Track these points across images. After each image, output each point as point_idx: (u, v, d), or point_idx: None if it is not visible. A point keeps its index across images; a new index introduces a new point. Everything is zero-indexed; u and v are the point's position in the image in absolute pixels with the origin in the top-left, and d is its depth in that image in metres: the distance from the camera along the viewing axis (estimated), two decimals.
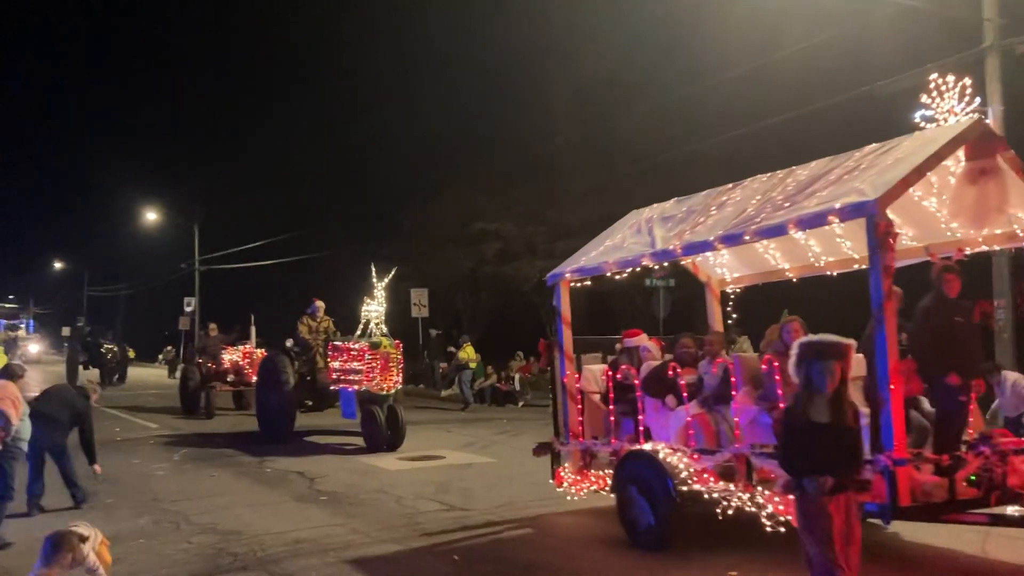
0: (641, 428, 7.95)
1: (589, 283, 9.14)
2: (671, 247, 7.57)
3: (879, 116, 18.24)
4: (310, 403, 16.52)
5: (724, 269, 9.53)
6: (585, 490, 8.65)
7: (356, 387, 14.25)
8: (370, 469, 12.33)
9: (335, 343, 15.24)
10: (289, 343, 16.60)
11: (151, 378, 37.15)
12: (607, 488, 8.23)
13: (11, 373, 8.88)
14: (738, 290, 9.61)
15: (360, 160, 42.41)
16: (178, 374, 38.36)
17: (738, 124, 21.41)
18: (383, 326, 14.72)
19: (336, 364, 14.89)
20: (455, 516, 9.14)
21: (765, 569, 6.68)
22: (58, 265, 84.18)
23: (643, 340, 8.76)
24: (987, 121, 7.58)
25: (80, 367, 33.37)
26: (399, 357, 14.39)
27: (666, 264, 8.81)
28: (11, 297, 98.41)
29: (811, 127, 22.41)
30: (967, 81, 7.80)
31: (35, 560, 5.50)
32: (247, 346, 21.38)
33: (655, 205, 8.67)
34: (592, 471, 8.56)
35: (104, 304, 72.49)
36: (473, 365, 23.94)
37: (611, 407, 8.36)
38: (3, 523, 8.19)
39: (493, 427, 17.91)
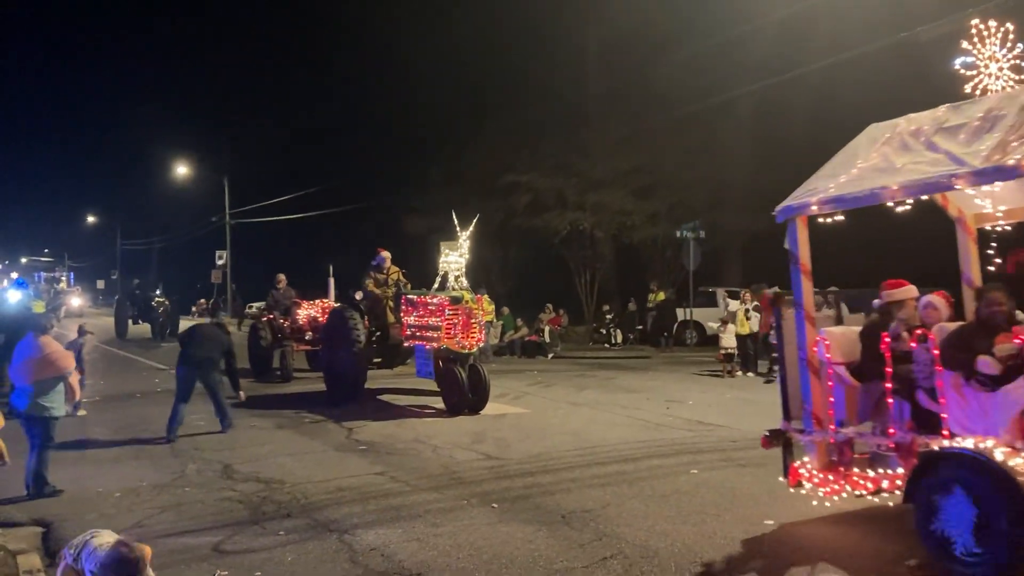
0: (945, 416, 5.92)
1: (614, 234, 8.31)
2: (1009, 163, 5.52)
3: (917, 63, 17.89)
4: (379, 360, 15.37)
5: (987, 200, 7.09)
6: (843, 495, 6.63)
7: (434, 344, 13.20)
8: (406, 419, 12.54)
9: (408, 296, 14.16)
10: (358, 296, 15.42)
11: None
12: (888, 493, 6.43)
13: (41, 327, 8.56)
14: (1008, 227, 7.27)
15: (390, 111, 42.30)
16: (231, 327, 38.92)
17: (771, 73, 21.10)
18: (463, 279, 13.62)
19: (411, 319, 13.82)
20: (491, 465, 9.30)
21: None
22: (91, 219, 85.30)
23: (912, 292, 6.81)
24: None
25: (129, 321, 33.03)
26: (481, 312, 13.37)
27: (984, 183, 6.47)
28: (46, 251, 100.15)
29: (847, 75, 22.00)
30: (1009, 26, 7.64)
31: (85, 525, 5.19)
32: (325, 300, 19.51)
33: (910, 116, 6.79)
34: (855, 469, 6.53)
35: (137, 257, 73.51)
36: (488, 319, 23.78)
37: (887, 384, 6.28)
38: (49, 471, 8.38)
39: (524, 379, 18.07)
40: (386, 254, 15.56)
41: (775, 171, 27.33)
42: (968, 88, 7.24)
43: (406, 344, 14.17)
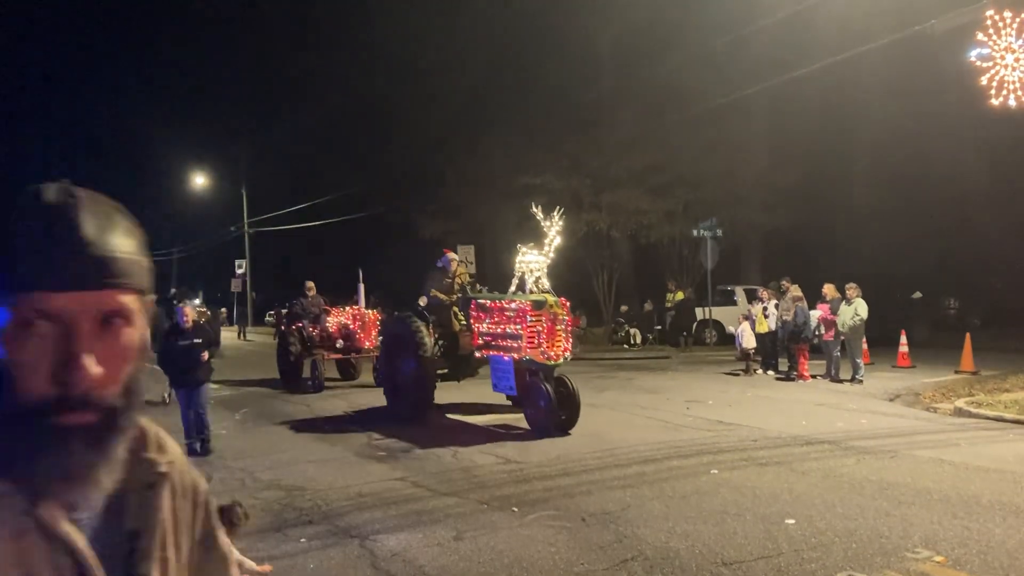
0: None
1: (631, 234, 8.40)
2: None
3: (932, 56, 17.75)
4: (443, 371, 13.72)
5: None
6: None
7: (514, 355, 11.69)
8: (426, 425, 12.52)
9: (479, 301, 12.58)
10: (422, 302, 14.37)
11: None
12: None
13: None
14: None
15: (403, 114, 42.40)
16: (241, 336, 39.09)
17: (785, 68, 21.01)
18: (545, 280, 11.97)
19: (483, 327, 12.29)
20: (511, 468, 9.29)
21: None
22: None
23: None
24: None
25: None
26: (567, 318, 11.72)
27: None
28: None
29: (861, 69, 21.87)
30: None
31: None
32: (356, 307, 18.65)
33: None
34: None
35: (157, 268, 73.97)
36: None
37: None
38: None
39: None
40: (452, 256, 14.32)
41: (791, 168, 27.32)
42: (984, 80, 7.19)
43: (478, 354, 12.73)
